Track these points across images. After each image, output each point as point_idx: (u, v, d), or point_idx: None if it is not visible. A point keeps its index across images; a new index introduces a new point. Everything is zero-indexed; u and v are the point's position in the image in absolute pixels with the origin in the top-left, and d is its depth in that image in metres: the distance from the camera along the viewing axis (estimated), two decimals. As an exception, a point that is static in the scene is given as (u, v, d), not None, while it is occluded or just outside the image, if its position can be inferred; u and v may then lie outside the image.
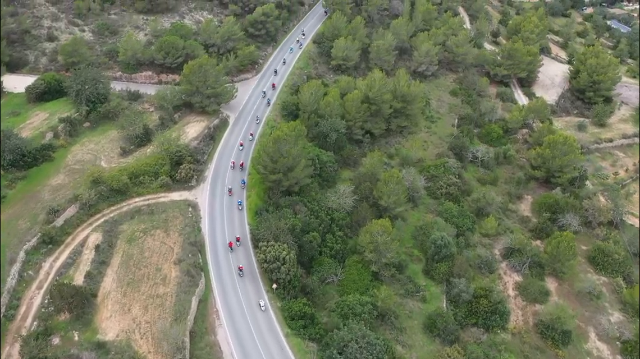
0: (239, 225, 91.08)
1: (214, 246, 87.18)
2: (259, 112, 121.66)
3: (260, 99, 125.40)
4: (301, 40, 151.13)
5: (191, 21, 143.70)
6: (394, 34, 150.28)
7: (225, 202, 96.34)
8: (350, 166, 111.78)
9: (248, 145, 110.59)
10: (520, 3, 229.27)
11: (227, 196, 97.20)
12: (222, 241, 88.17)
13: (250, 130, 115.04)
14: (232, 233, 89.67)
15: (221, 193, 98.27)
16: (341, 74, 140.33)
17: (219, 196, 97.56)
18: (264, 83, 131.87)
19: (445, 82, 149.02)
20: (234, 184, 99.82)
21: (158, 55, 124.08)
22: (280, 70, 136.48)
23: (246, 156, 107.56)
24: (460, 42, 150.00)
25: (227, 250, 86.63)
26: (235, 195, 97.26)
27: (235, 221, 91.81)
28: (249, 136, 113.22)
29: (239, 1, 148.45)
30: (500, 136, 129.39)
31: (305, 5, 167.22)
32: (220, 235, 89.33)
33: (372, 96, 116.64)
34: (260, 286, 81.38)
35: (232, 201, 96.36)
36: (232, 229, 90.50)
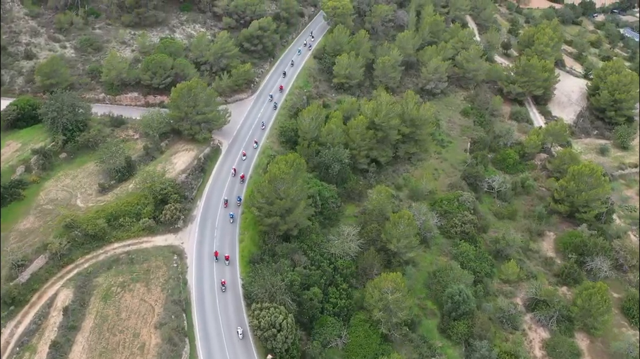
0: (230, 279, 79.74)
1: (201, 304, 75.91)
2: (265, 117, 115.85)
3: (267, 106, 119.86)
4: (310, 42, 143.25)
5: (182, 35, 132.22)
6: (399, 48, 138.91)
7: (216, 246, 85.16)
8: (354, 200, 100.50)
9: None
10: (530, 11, 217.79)
11: (217, 238, 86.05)
12: (210, 298, 76.93)
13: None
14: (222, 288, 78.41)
15: (211, 235, 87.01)
16: (344, 93, 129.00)
17: (208, 240, 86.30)
18: (260, 104, 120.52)
19: (456, 100, 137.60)
20: (225, 225, 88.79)
21: (145, 76, 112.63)
22: (288, 72, 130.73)
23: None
24: (471, 57, 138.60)
25: (217, 309, 75.42)
26: (227, 237, 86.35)
27: (226, 274, 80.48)
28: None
29: (233, 14, 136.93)
30: (516, 162, 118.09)
31: (305, 16, 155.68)
32: (208, 291, 78.08)
33: (379, 121, 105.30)
34: (253, 355, 70.22)
35: (222, 245, 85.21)
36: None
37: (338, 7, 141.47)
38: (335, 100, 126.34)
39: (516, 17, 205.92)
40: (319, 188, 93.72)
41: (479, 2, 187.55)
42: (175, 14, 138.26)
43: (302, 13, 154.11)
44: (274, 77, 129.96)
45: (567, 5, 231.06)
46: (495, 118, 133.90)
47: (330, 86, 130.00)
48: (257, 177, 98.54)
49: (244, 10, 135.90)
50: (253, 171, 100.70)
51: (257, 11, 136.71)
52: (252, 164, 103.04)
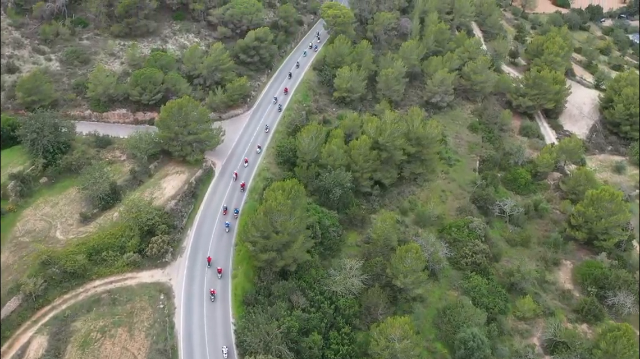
0: (221, 325, 72.31)
1: (189, 353, 68.55)
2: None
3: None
4: (316, 43, 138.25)
5: (175, 46, 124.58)
6: (403, 58, 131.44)
7: (207, 282, 77.80)
8: (357, 227, 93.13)
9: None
10: (536, 16, 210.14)
11: (208, 275, 78.69)
12: (200, 346, 69.54)
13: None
14: (213, 334, 70.98)
15: (201, 270, 79.65)
16: (345, 107, 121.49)
17: (198, 275, 78.94)
18: (257, 119, 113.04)
19: (462, 113, 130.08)
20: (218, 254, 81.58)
21: (133, 91, 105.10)
22: (294, 73, 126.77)
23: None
24: (479, 68, 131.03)
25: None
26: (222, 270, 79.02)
27: (217, 320, 72.98)
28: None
29: (229, 23, 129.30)
30: (528, 182, 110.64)
31: (305, 24, 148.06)
32: (198, 336, 70.70)
33: (383, 141, 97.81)
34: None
35: (214, 281, 77.86)
36: (213, 329, 71.78)
37: (339, 15, 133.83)
38: (336, 115, 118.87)
39: (522, 23, 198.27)
40: (319, 217, 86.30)
41: (484, 8, 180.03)
42: (168, 23, 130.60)
43: (301, 21, 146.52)
44: (271, 90, 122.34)
45: (573, 10, 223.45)
46: (505, 134, 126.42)
47: (331, 100, 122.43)
48: (252, 203, 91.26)
49: (240, 19, 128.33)
50: (248, 197, 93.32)
51: (254, 20, 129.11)
52: (253, 172, 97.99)
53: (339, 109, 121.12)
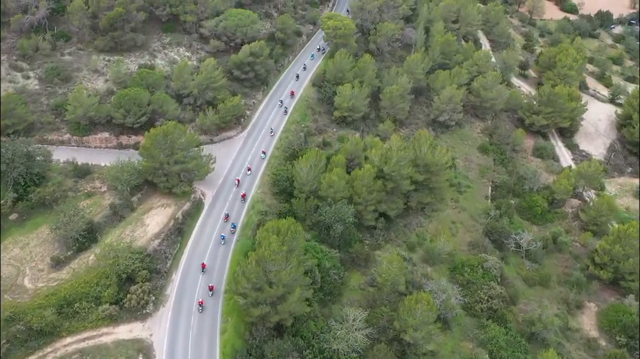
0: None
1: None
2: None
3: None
4: (323, 45, 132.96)
5: (164, 61, 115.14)
6: (408, 73, 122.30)
7: (193, 338, 68.75)
8: (360, 266, 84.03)
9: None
10: (544, 23, 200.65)
11: (195, 330, 69.62)
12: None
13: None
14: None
15: (187, 323, 70.57)
16: (346, 127, 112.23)
17: (183, 328, 69.88)
18: (251, 142, 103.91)
19: (472, 133, 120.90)
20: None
21: (116, 114, 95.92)
22: (301, 75, 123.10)
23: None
24: (489, 84, 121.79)
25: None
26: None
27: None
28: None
29: (222, 35, 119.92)
30: (544, 210, 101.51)
31: (304, 35, 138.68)
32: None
33: (389, 171, 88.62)
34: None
35: (200, 339, 68.75)
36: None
37: (339, 27, 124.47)
38: (336, 136, 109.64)
39: (531, 30, 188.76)
40: (318, 259, 77.11)
41: (491, 16, 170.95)
42: (157, 35, 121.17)
43: (299, 32, 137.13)
44: (267, 109, 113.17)
45: (582, 16, 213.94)
46: (517, 154, 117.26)
47: (331, 119, 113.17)
48: (245, 241, 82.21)
49: (234, 32, 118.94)
50: (241, 232, 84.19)
51: (249, 33, 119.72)
52: (246, 205, 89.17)
53: (340, 129, 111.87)
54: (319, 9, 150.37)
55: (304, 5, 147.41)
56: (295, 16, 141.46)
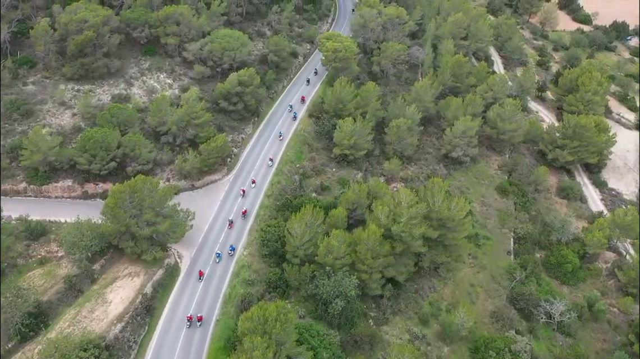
0: None
1: None
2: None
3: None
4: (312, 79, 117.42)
5: (142, 90, 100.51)
6: (416, 101, 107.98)
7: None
8: (364, 350, 69.53)
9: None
10: (558, 36, 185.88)
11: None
12: None
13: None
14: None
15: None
16: (347, 166, 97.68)
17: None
18: (239, 186, 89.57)
19: (488, 169, 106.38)
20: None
21: (80, 159, 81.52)
22: (312, 80, 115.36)
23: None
24: (508, 115, 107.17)
25: None
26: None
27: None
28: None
29: (208, 60, 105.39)
30: (576, 267, 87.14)
31: (300, 56, 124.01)
32: None
33: (398, 231, 74.15)
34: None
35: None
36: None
37: (339, 49, 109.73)
38: (336, 177, 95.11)
39: (545, 45, 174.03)
40: (314, 352, 62.65)
41: (502, 30, 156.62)
42: (135, 60, 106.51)
43: (295, 53, 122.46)
44: (259, 145, 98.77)
45: (597, 27, 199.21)
46: (540, 195, 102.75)
47: (330, 157, 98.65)
48: (227, 320, 67.86)
49: (221, 56, 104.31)
50: (221, 309, 69.74)
51: (238, 56, 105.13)
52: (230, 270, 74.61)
53: (340, 169, 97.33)
54: (317, 25, 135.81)
55: (300, 22, 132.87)
56: (291, 34, 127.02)
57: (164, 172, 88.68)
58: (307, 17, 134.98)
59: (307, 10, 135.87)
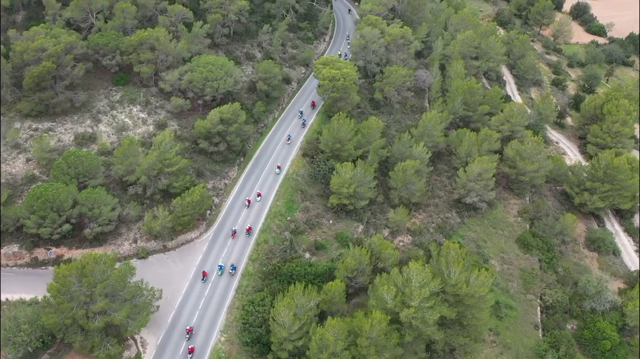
0: None
1: None
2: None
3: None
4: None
5: (110, 127, 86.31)
6: (424, 135, 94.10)
7: None
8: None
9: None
10: (572, 50, 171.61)
11: None
12: None
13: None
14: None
15: None
16: (346, 218, 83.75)
17: None
18: (219, 248, 75.47)
19: (507, 216, 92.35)
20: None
21: (27, 221, 67.51)
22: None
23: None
24: (529, 153, 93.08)
25: None
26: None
27: None
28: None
29: (187, 91, 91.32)
30: (615, 343, 73.12)
31: (293, 81, 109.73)
32: None
33: (408, 318, 60.09)
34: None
35: None
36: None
37: (337, 77, 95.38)
38: (333, 232, 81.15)
39: (559, 61, 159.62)
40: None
41: (514, 45, 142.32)
42: (105, 91, 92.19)
43: (288, 78, 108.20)
44: (244, 191, 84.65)
45: (612, 40, 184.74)
46: (567, 247, 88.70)
47: (326, 207, 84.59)
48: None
49: (202, 87, 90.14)
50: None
51: (222, 87, 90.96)
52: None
53: (338, 220, 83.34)
54: (312, 45, 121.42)
55: (294, 42, 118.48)
56: (284, 56, 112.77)
57: (131, 231, 74.69)
58: (302, 36, 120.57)
59: (302, 28, 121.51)
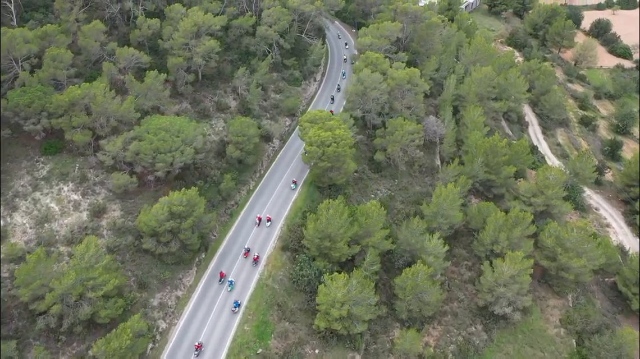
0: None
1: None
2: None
3: None
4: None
5: (29, 217, 64.23)
6: (437, 216, 71.99)
7: None
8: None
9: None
10: (593, 74, 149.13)
11: None
12: None
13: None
14: None
15: None
16: (337, 345, 61.59)
17: None
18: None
19: (545, 326, 70.15)
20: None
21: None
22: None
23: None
24: (574, 243, 70.70)
25: None
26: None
27: None
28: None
29: (134, 164, 69.13)
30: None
31: (275, 138, 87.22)
32: None
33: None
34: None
35: None
36: None
37: (328, 141, 72.75)
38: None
39: (586, 93, 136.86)
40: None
41: (535, 76, 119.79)
42: (29, 162, 69.94)
43: (269, 135, 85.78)
44: (201, 308, 62.45)
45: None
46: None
47: (310, 329, 62.38)
48: None
49: (153, 161, 67.88)
50: None
51: (179, 160, 68.70)
52: None
53: (326, 349, 61.30)
54: (300, 87, 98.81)
55: (278, 84, 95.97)
56: (264, 105, 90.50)
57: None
58: (287, 77, 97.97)
59: (287, 66, 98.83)
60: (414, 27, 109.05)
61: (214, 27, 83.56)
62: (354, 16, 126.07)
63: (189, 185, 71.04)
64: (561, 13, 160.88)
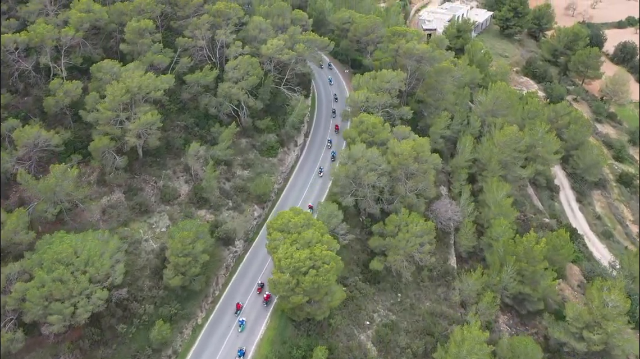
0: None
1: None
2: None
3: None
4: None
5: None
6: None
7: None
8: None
9: None
10: (623, 111, 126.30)
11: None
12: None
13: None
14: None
15: None
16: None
17: None
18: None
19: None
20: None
21: None
22: None
23: None
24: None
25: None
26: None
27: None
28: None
29: (23, 314, 46.14)
30: None
31: (238, 243, 64.02)
32: None
33: None
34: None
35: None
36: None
37: (302, 266, 49.62)
38: None
39: (621, 140, 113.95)
40: None
41: (569, 130, 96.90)
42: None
43: (228, 237, 62.56)
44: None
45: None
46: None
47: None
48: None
49: (44, 311, 44.81)
50: None
51: (85, 310, 45.73)
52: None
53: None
54: (276, 157, 75.22)
55: (246, 157, 72.53)
56: (226, 189, 67.27)
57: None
58: (259, 145, 74.52)
59: (260, 129, 75.36)
60: (419, 69, 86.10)
61: (155, 93, 60.45)
62: (347, 53, 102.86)
63: (105, 332, 48.58)
64: (583, 37, 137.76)
